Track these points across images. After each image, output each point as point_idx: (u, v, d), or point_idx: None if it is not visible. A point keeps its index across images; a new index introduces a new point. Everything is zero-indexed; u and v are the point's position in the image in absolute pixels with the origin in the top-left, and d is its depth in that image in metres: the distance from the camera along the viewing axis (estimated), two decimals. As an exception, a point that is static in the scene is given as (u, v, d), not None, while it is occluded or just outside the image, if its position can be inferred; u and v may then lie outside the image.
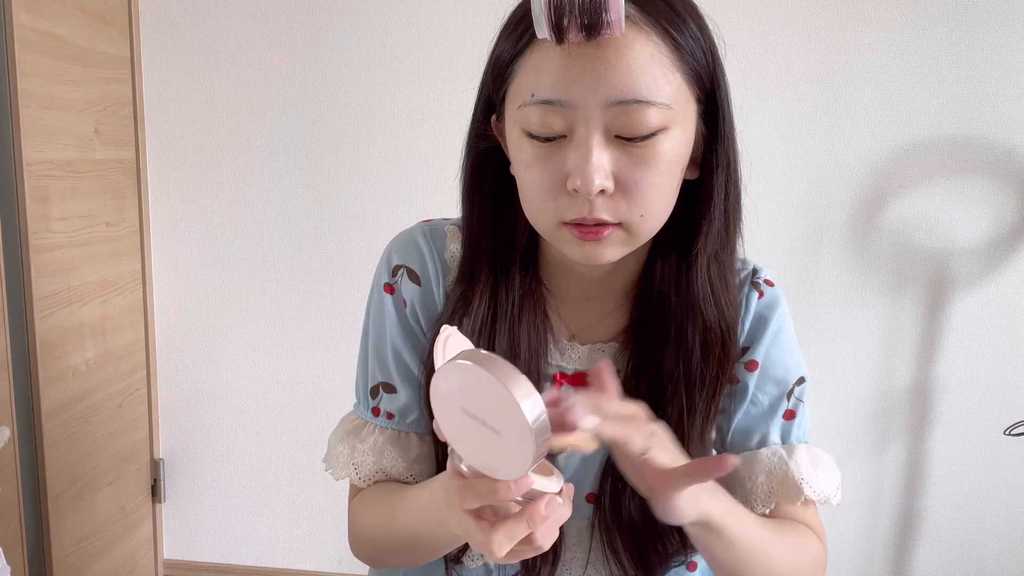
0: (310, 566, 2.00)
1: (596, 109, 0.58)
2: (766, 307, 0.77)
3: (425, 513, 0.64)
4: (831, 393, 1.79)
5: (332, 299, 1.86)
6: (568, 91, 0.58)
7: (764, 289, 0.78)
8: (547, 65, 0.59)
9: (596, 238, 0.61)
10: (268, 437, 1.95)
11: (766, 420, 0.76)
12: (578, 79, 0.57)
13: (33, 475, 1.55)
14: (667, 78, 0.59)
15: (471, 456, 0.51)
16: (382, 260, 0.79)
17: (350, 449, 0.77)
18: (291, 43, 1.77)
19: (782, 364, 0.76)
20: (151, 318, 1.91)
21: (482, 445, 0.49)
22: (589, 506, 0.75)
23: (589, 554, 0.76)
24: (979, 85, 1.64)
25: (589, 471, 0.75)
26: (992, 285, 1.72)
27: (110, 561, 1.82)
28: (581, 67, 0.57)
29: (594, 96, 0.57)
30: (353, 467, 0.76)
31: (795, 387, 0.77)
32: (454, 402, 0.49)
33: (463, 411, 0.49)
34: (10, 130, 1.44)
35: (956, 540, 1.84)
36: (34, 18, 1.46)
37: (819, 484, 0.74)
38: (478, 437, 0.49)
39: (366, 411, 0.79)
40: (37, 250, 1.50)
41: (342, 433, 0.79)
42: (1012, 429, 1.67)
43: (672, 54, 0.59)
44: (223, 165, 1.84)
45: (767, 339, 0.76)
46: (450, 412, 0.50)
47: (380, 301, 0.78)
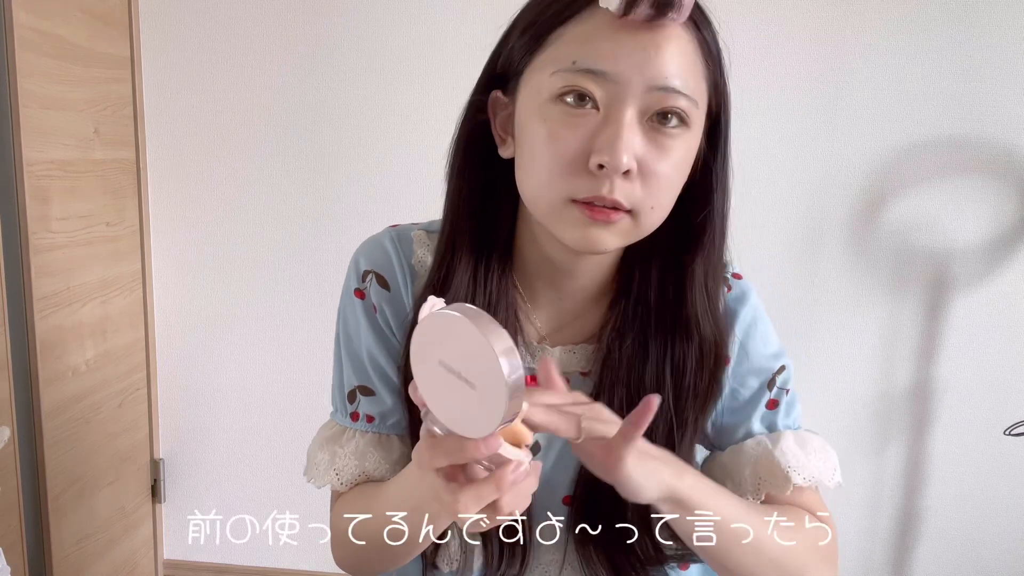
0: (310, 566, 2.00)
1: (638, 89, 0.58)
2: (735, 300, 0.76)
3: (402, 498, 0.64)
4: (831, 393, 1.79)
5: (332, 299, 1.85)
6: (615, 64, 0.58)
7: (732, 283, 0.77)
8: (598, 37, 0.59)
9: (606, 220, 0.61)
10: (268, 437, 1.95)
11: (748, 412, 0.75)
12: (628, 56, 0.58)
13: (33, 475, 1.55)
14: (699, 78, 0.61)
15: (443, 412, 0.50)
16: (351, 265, 0.79)
17: (330, 455, 0.76)
18: (291, 43, 1.77)
19: (759, 355, 0.76)
20: (151, 318, 1.91)
21: (455, 401, 0.49)
22: (566, 508, 0.74)
23: (564, 557, 0.75)
24: (979, 85, 1.64)
25: (565, 474, 0.74)
26: (992, 285, 1.72)
27: (110, 561, 1.82)
28: (633, 45, 0.58)
29: (640, 76, 0.58)
30: (335, 472, 0.75)
31: (776, 376, 0.76)
32: (433, 353, 0.49)
33: (440, 364, 0.49)
34: (10, 130, 1.44)
35: (956, 540, 1.84)
36: (34, 18, 1.46)
37: (809, 469, 0.72)
38: (452, 392, 0.49)
39: (344, 417, 0.79)
40: (37, 250, 1.50)
41: (321, 441, 0.79)
42: (1012, 429, 1.67)
43: (706, 59, 0.62)
44: (223, 165, 1.84)
45: (739, 333, 0.75)
46: (427, 364, 0.50)
47: (351, 306, 0.78)
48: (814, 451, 0.74)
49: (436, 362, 0.49)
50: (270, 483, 1.97)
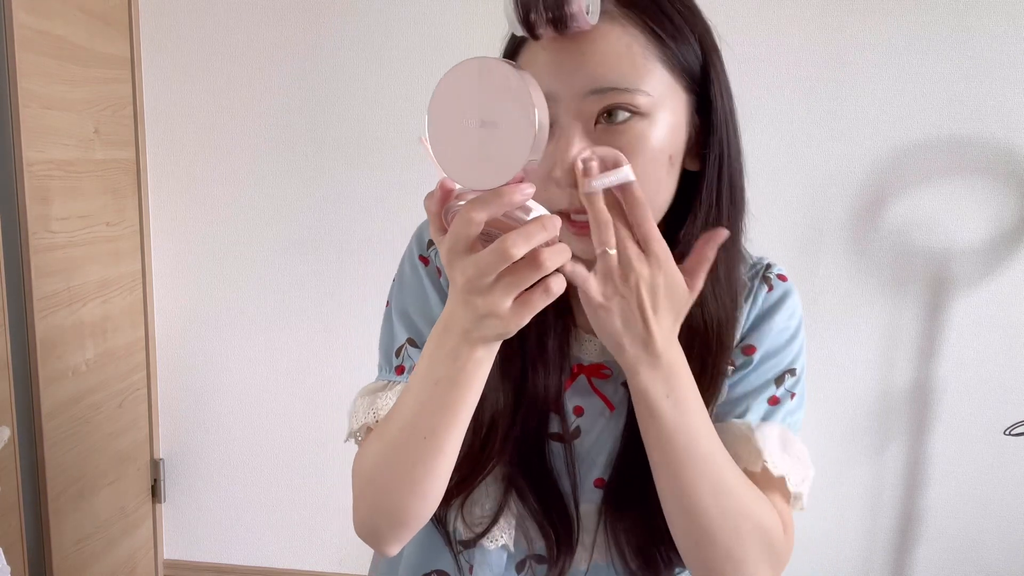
0: (310, 566, 2.00)
1: (574, 99, 0.60)
2: (775, 299, 0.76)
3: (422, 365, 0.60)
4: (831, 393, 1.79)
5: (332, 298, 1.86)
6: (549, 84, 0.60)
7: (775, 283, 0.77)
8: (534, 63, 0.62)
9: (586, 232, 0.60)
10: (268, 437, 1.95)
11: (749, 398, 0.74)
12: (556, 71, 0.60)
13: (33, 475, 1.55)
14: (646, 67, 0.61)
15: (466, 172, 0.51)
16: (413, 239, 0.80)
17: (371, 401, 0.73)
18: (291, 43, 1.77)
19: (778, 350, 0.75)
20: (151, 318, 1.91)
21: (480, 151, 0.50)
22: (598, 491, 0.74)
23: (595, 540, 0.75)
24: (979, 85, 1.64)
25: (600, 455, 0.74)
26: (992, 285, 1.72)
27: (110, 561, 1.82)
28: (559, 60, 0.60)
29: (571, 86, 0.60)
30: (372, 413, 0.72)
31: (785, 375, 0.75)
32: (452, 109, 0.50)
33: (461, 118, 0.50)
34: (10, 130, 1.44)
35: (956, 540, 1.84)
36: (34, 18, 1.46)
37: (782, 462, 0.70)
38: (475, 143, 0.50)
39: (389, 372, 0.77)
40: (37, 250, 1.50)
41: (363, 392, 0.76)
42: (1012, 429, 1.67)
43: (652, 45, 0.61)
44: (223, 165, 1.84)
45: (772, 329, 0.75)
46: (446, 122, 0.51)
47: (414, 271, 0.78)
48: (793, 456, 0.72)
49: (456, 120, 0.50)
50: (270, 483, 1.97)
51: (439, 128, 0.51)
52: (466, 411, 0.61)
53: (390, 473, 0.65)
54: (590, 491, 0.74)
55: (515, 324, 0.53)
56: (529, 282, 0.52)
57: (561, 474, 0.73)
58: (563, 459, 0.73)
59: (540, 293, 0.53)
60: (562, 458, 0.73)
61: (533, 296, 0.53)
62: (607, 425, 0.74)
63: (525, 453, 0.73)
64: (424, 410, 0.61)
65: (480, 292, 0.52)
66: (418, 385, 0.61)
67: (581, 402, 0.74)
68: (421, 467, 0.63)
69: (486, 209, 0.51)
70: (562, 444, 0.73)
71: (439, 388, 0.59)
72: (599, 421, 0.74)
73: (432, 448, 0.62)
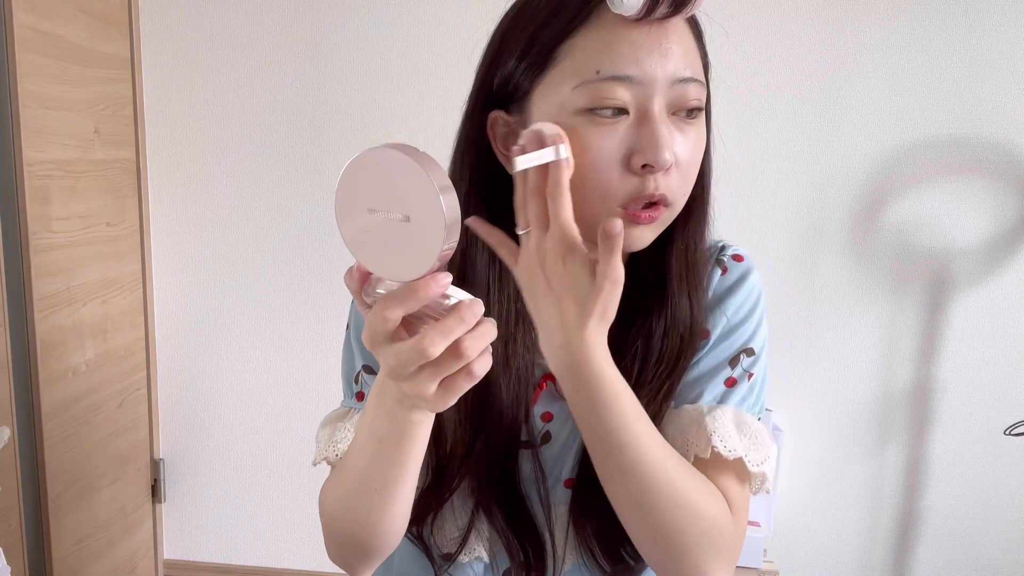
0: (310, 566, 2.00)
1: (663, 85, 0.61)
2: (731, 282, 0.75)
3: (366, 419, 0.62)
4: (831, 393, 1.79)
5: (332, 298, 1.86)
6: (639, 67, 0.60)
7: (729, 265, 0.75)
8: (614, 42, 0.60)
9: (653, 219, 0.63)
10: (268, 437, 1.95)
11: (703, 381, 0.73)
12: (648, 56, 0.60)
13: (33, 475, 1.55)
14: (699, 62, 0.64)
15: (379, 263, 0.50)
16: None
17: (331, 431, 0.75)
18: (291, 43, 1.77)
19: (732, 330, 0.74)
20: (151, 318, 1.91)
21: (390, 245, 0.48)
22: (567, 492, 0.74)
23: (566, 541, 0.74)
24: (979, 85, 1.64)
25: (568, 456, 0.74)
26: (992, 285, 1.72)
27: (110, 561, 1.82)
28: (650, 44, 0.60)
29: (663, 72, 0.60)
30: (333, 446, 0.73)
31: (741, 355, 0.73)
32: (360, 202, 0.49)
33: (370, 210, 0.48)
34: (10, 130, 1.44)
35: (956, 540, 1.84)
36: (34, 18, 1.46)
37: (734, 443, 0.67)
38: (385, 237, 0.48)
39: (350, 399, 0.79)
40: (37, 250, 1.50)
41: (325, 422, 0.78)
42: (1012, 429, 1.67)
43: (698, 41, 0.65)
44: (223, 165, 1.84)
45: (726, 311, 0.73)
46: (354, 217, 0.49)
47: None
48: (749, 436, 0.69)
49: (365, 210, 0.49)
50: (270, 483, 1.97)
51: (348, 219, 0.50)
52: (413, 463, 0.62)
53: (348, 518, 0.68)
54: (563, 492, 0.74)
55: (442, 405, 0.53)
56: (451, 370, 0.51)
57: (532, 481, 0.73)
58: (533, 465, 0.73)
59: (463, 377, 0.52)
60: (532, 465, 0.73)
61: (456, 381, 0.52)
62: (575, 427, 0.72)
63: (492, 469, 0.72)
64: (373, 464, 0.62)
65: (404, 379, 0.52)
66: (364, 438, 0.63)
67: (550, 408, 0.74)
68: (377, 513, 0.66)
69: (401, 307, 0.50)
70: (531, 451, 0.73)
71: (384, 446, 0.60)
72: (568, 423, 0.74)
73: (386, 499, 0.64)
